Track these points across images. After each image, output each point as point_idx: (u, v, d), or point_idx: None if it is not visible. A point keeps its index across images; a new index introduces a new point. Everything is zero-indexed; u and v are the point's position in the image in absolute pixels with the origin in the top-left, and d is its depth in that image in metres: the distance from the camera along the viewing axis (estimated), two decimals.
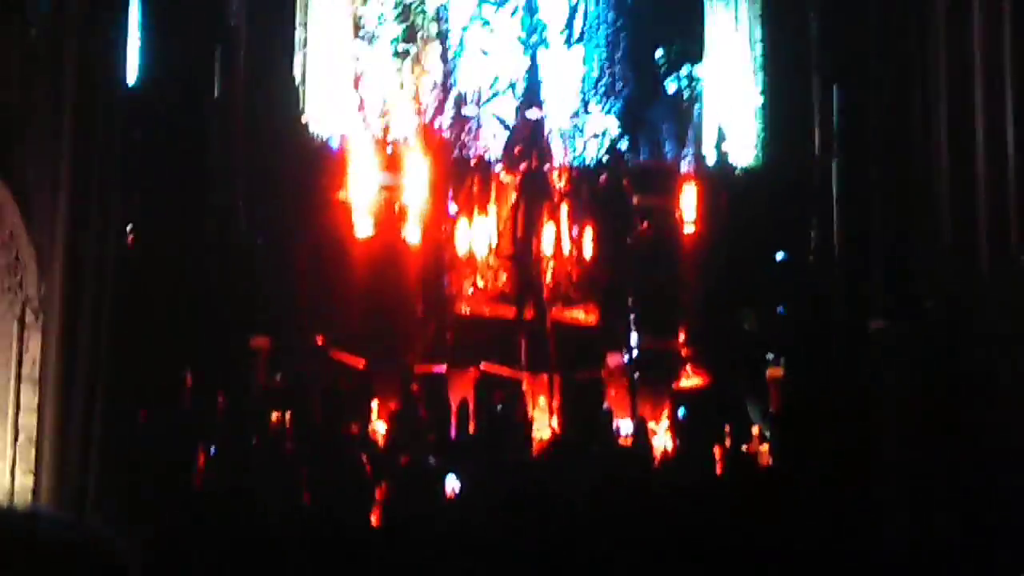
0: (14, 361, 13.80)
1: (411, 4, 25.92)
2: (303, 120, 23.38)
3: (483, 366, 21.46)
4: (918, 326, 17.52)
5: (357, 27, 25.15)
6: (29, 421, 13.79)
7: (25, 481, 13.66)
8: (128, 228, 17.62)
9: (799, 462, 18.39)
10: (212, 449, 17.65)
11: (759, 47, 24.58)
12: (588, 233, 23.43)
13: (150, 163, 17.92)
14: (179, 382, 18.24)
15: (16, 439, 13.71)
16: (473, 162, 24.38)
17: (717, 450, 19.48)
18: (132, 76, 18.53)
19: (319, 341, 21.29)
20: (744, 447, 19.87)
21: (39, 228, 14.04)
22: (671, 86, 25.41)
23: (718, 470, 19.11)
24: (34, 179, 14.00)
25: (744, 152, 24.09)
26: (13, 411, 13.76)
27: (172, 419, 17.42)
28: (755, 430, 20.22)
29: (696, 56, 25.24)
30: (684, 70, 25.39)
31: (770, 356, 21.01)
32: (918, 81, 18.37)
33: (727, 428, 19.85)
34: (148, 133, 17.97)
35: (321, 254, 22.09)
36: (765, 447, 19.91)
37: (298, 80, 23.60)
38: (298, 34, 23.83)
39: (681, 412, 21.16)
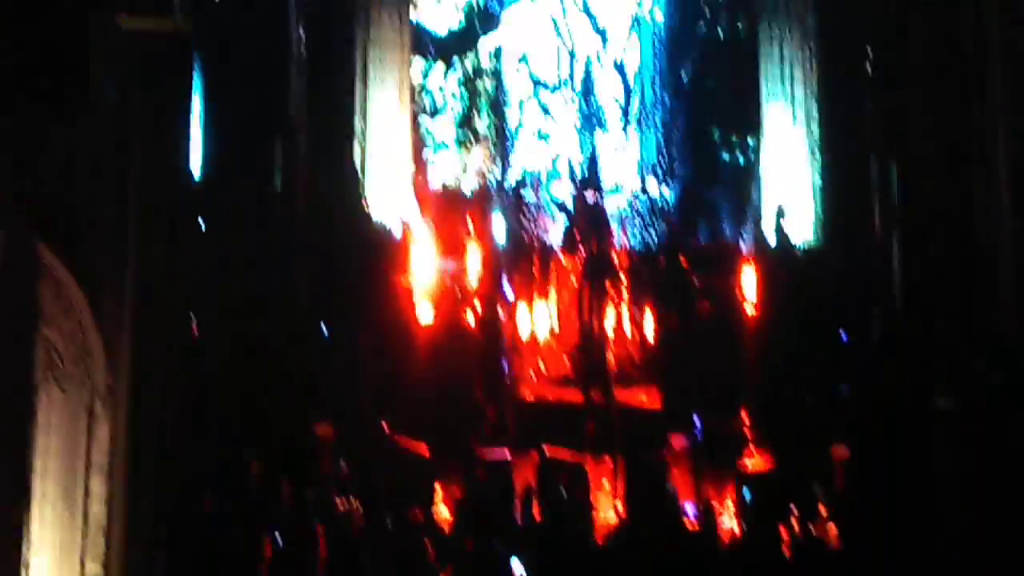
0: (83, 450, 13.98)
1: (469, 90, 26.22)
2: (364, 207, 23.60)
3: (546, 450, 21.41)
4: (983, 403, 17.38)
5: (415, 115, 25.43)
6: (98, 510, 13.93)
7: (95, 570, 13.77)
8: (193, 318, 17.78)
9: (867, 543, 18.19)
10: (277, 536, 17.66)
11: (816, 126, 24.63)
12: (649, 315, 23.43)
13: (214, 253, 18.14)
14: (245, 470, 18.32)
15: (86, 528, 13.85)
16: (533, 245, 24.49)
17: (783, 532, 19.30)
18: (196, 168, 18.84)
19: (384, 427, 21.33)
20: (811, 528, 19.66)
21: (107, 319, 14.24)
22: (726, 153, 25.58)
23: (785, 552, 18.92)
24: (101, 271, 14.22)
25: (804, 231, 24.06)
26: (83, 500, 13.91)
27: (238, 507, 17.49)
28: (822, 510, 20.02)
29: (752, 139, 25.35)
30: (731, 154, 25.56)
31: (836, 436, 20.85)
32: (977, 157, 18.35)
33: (793, 509, 19.67)
34: (212, 224, 18.21)
35: (383, 340, 22.19)
36: (833, 528, 19.70)
37: (358, 168, 23.85)
38: (357, 123, 24.12)
39: (746, 494, 20.99)
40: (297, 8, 22.81)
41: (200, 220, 17.91)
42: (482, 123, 26.24)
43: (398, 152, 24.56)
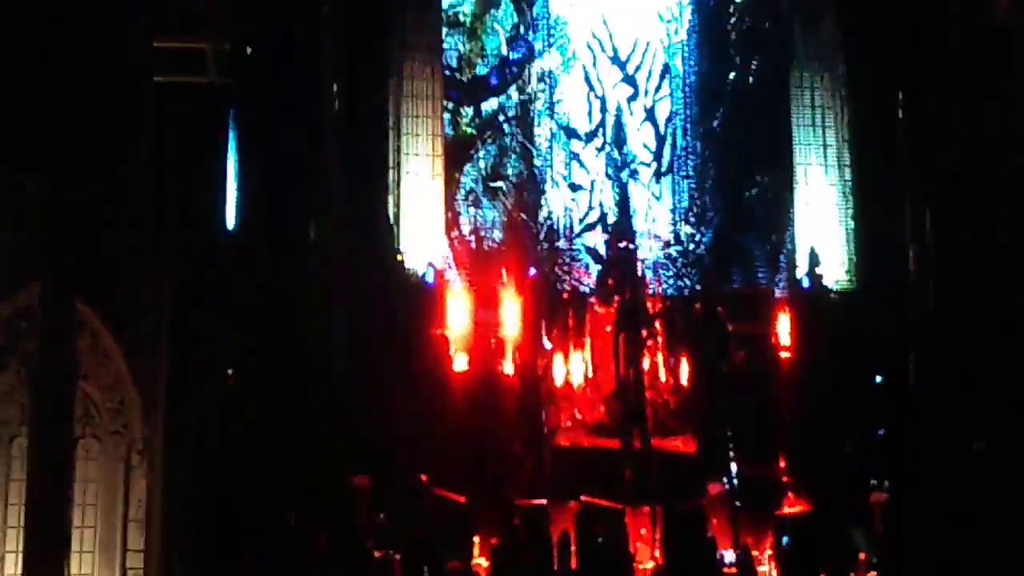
0: (121, 502, 14.09)
1: (500, 142, 26.36)
2: (398, 258, 23.71)
3: (583, 498, 21.37)
4: (1020, 445, 17.30)
5: (447, 167, 25.54)
6: (136, 561, 14.01)
7: None
8: (229, 370, 17.87)
9: None
10: None
11: (848, 171, 24.69)
12: (684, 362, 23.42)
13: (249, 304, 18.23)
14: (282, 522, 18.35)
15: None
16: (567, 295, 24.55)
17: None
18: (230, 220, 18.97)
19: (422, 478, 21.33)
20: (851, 574, 19.57)
21: (143, 371, 14.38)
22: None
23: None
24: (137, 323, 14.36)
25: (837, 274, 24.07)
26: (120, 551, 14.00)
27: (276, 558, 17.51)
28: (861, 556, 19.92)
29: (784, 185, 25.41)
30: (763, 200, 25.65)
31: (873, 480, 20.76)
32: (1011, 198, 18.33)
33: (832, 554, 19.58)
34: (247, 275, 18.30)
35: (419, 390, 22.23)
36: (872, 573, 19.61)
37: (392, 220, 23.98)
38: (390, 175, 24.28)
39: (784, 540, 20.91)
40: (331, 63, 23.02)
41: (235, 272, 18.02)
42: (514, 173, 26.36)
43: (431, 202, 24.68)
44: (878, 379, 21.99)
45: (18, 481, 14.10)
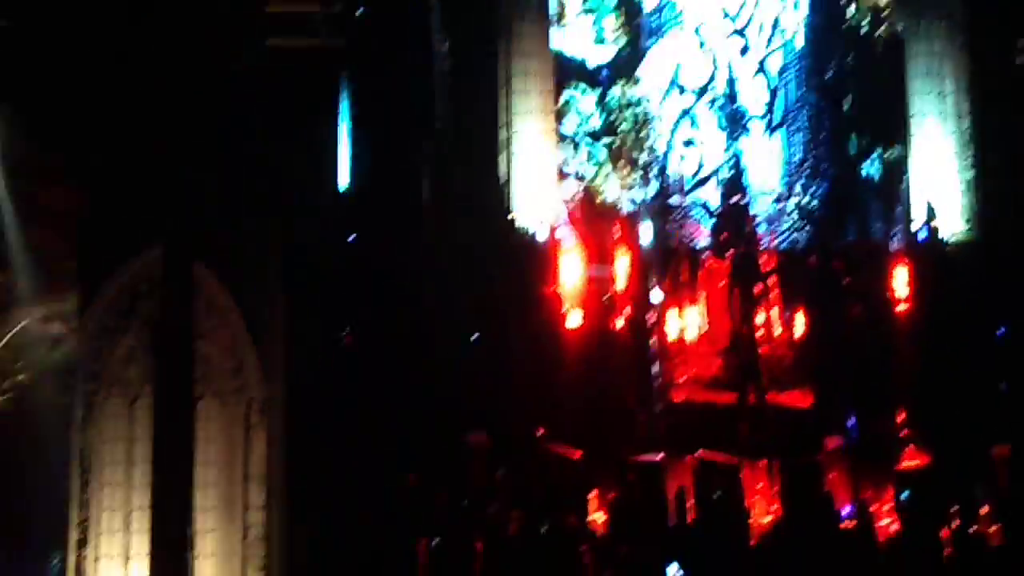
0: (241, 460, 14.32)
1: (612, 98, 26.23)
2: (511, 215, 23.73)
3: (699, 453, 21.32)
4: None
5: (559, 124, 25.49)
6: (258, 518, 14.24)
7: None
8: (346, 329, 18.04)
9: None
10: (433, 543, 17.84)
11: (968, 120, 24.24)
12: (799, 316, 23.22)
13: (362, 265, 18.38)
14: (400, 479, 18.53)
15: (246, 536, 14.17)
16: (680, 250, 24.43)
17: (944, 532, 19.01)
18: (343, 181, 19.13)
19: (537, 434, 21.40)
20: (972, 528, 19.34)
21: (260, 331, 14.58)
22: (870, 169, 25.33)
23: (946, 552, 18.67)
24: (253, 284, 14.55)
25: (955, 226, 23.70)
26: (242, 509, 14.24)
27: (395, 516, 17.70)
28: (983, 510, 19.68)
29: (899, 135, 25.01)
30: (878, 152, 25.26)
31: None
32: None
33: (953, 509, 19.37)
34: (361, 235, 18.45)
35: (534, 347, 22.28)
36: (994, 528, 19.36)
37: (504, 178, 23.99)
38: (502, 134, 24.27)
39: (904, 494, 20.71)
40: (440, 22, 23.07)
41: (348, 232, 18.17)
42: (626, 129, 26.23)
43: (543, 160, 24.64)
44: (999, 330, 21.68)
45: (142, 440, 14.39)
